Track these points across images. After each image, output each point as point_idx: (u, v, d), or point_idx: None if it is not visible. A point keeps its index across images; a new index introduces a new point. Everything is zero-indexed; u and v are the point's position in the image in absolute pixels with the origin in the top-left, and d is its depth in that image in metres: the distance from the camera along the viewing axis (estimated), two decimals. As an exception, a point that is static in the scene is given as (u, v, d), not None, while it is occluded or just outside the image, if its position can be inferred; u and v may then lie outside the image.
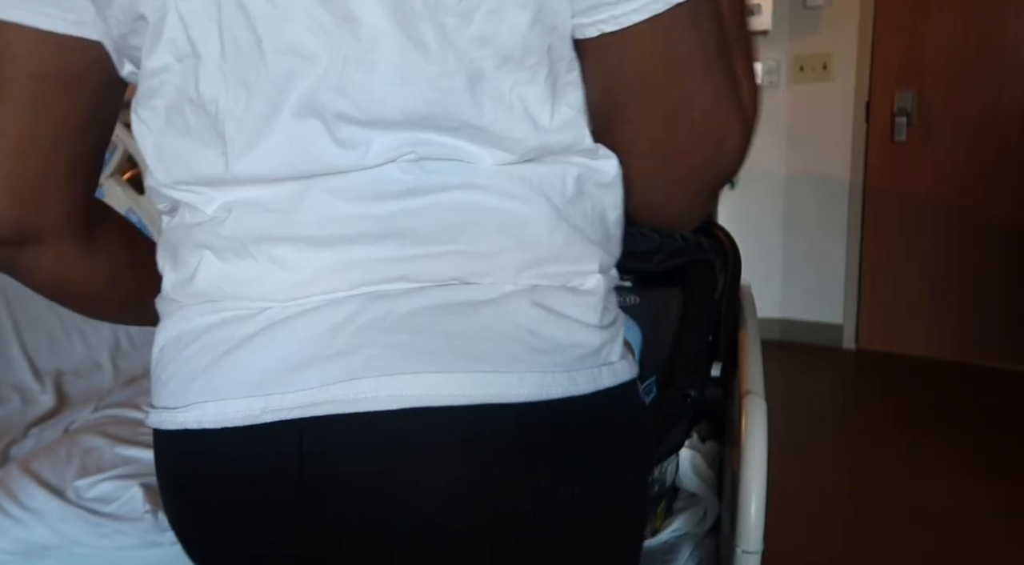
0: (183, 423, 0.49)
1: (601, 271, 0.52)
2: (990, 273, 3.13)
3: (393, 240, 0.46)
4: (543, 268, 0.49)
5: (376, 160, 0.46)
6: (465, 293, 0.47)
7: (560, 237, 0.49)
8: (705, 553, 1.15)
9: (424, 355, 0.45)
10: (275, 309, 0.48)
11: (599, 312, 0.50)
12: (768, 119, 3.44)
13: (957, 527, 2.03)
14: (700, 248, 1.55)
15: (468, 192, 0.47)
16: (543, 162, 0.49)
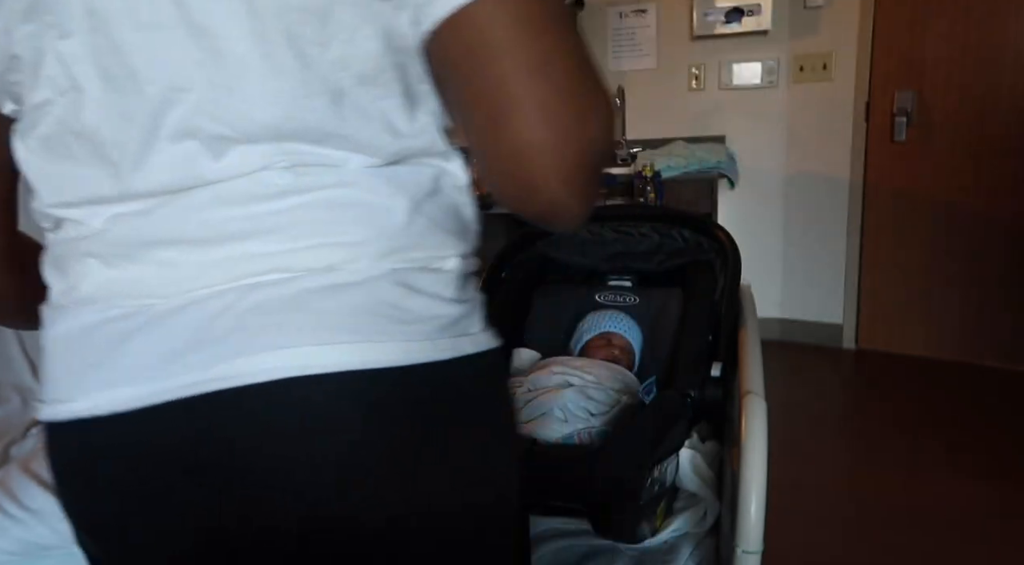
0: (77, 412, 0.53)
1: (459, 256, 0.58)
2: (990, 273, 3.13)
3: (269, 236, 0.51)
4: (404, 254, 0.54)
5: (252, 167, 0.51)
6: (334, 277, 0.52)
7: (417, 228, 0.55)
8: (705, 553, 1.15)
9: (300, 331, 0.50)
10: (160, 304, 0.52)
11: (456, 288, 0.57)
12: (768, 119, 3.44)
13: (957, 527, 2.03)
14: (700, 248, 1.55)
15: (335, 191, 0.52)
16: (404, 164, 0.55)
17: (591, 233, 1.63)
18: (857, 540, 2.00)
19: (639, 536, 1.14)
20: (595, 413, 1.20)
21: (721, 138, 3.50)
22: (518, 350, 1.47)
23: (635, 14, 3.52)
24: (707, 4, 3.32)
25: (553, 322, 1.55)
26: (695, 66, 3.50)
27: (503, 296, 1.51)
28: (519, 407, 1.23)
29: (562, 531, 1.19)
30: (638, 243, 1.61)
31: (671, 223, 1.60)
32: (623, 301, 1.53)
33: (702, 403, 1.22)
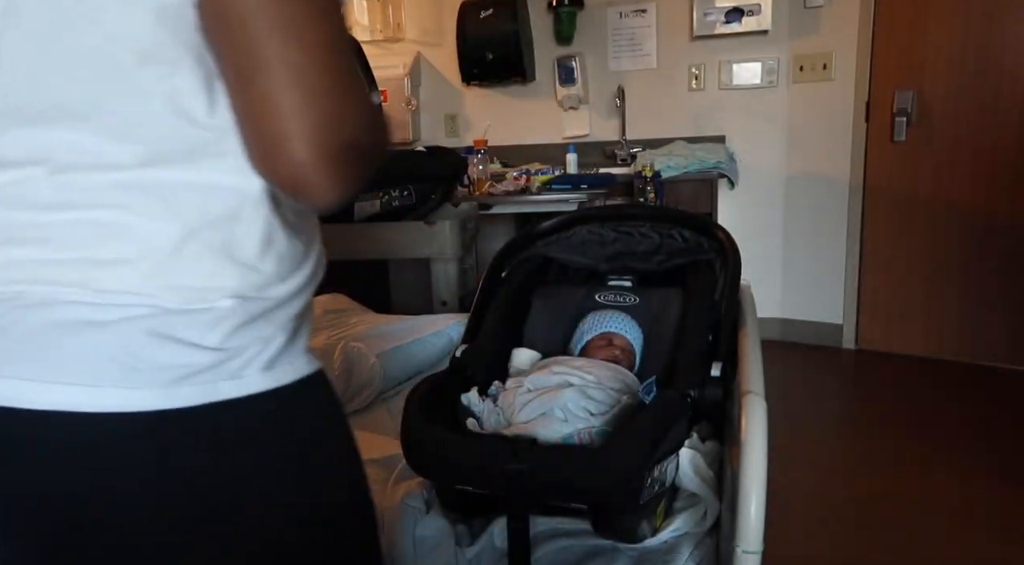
0: None
1: (237, 296, 0.56)
2: (990, 273, 3.13)
3: (31, 245, 0.52)
4: (168, 281, 0.54)
5: (20, 160, 0.52)
6: (83, 313, 0.52)
7: (187, 259, 0.54)
8: (705, 553, 1.14)
9: (20, 363, 0.52)
10: None
11: (223, 333, 0.56)
12: (768, 119, 3.44)
13: (957, 527, 2.03)
14: (700, 248, 1.55)
15: (100, 209, 0.52)
16: (185, 170, 0.53)
17: (591, 233, 1.63)
18: (857, 540, 1.99)
19: (639, 536, 1.14)
20: (595, 413, 1.20)
21: (721, 138, 3.50)
22: (518, 350, 1.47)
23: (635, 14, 3.52)
24: (707, 4, 3.32)
25: (553, 322, 1.55)
26: (695, 66, 3.50)
27: (503, 296, 1.51)
28: (519, 407, 1.23)
29: (562, 531, 1.19)
30: (638, 243, 1.61)
31: (671, 223, 1.60)
32: (623, 301, 1.53)
33: (702, 403, 1.22)
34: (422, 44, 3.82)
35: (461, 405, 1.28)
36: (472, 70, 3.56)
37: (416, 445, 1.11)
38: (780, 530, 2.01)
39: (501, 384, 1.36)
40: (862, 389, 3.14)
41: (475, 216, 2.99)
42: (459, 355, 1.40)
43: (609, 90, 3.63)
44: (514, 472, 1.01)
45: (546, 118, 3.74)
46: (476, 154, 3.19)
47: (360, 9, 3.75)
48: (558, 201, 2.97)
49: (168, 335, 0.54)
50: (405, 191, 2.57)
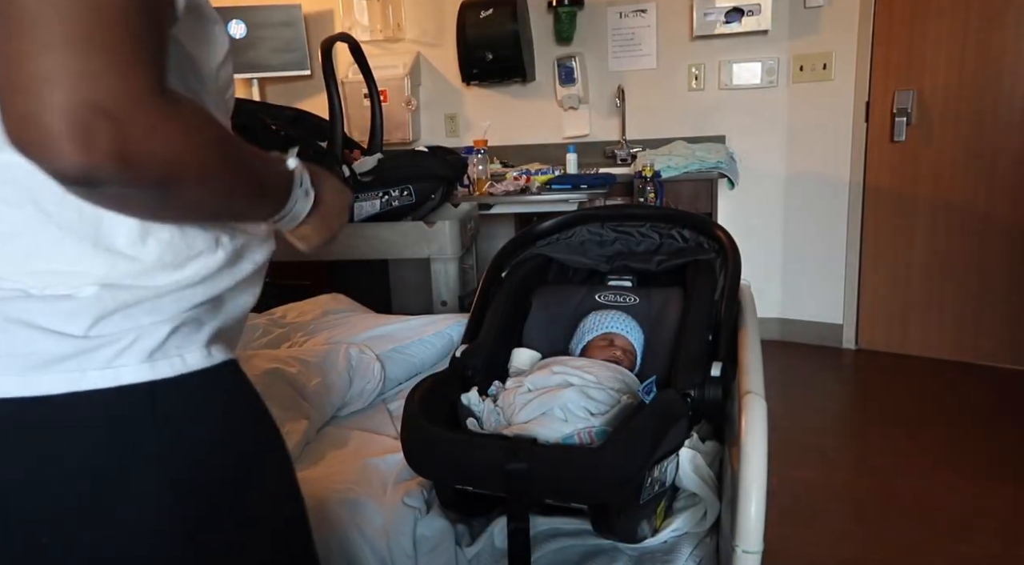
0: None
1: (105, 283, 0.55)
2: (990, 273, 3.13)
3: None
4: (29, 265, 0.54)
5: None
6: None
7: (48, 238, 0.54)
8: (705, 553, 1.15)
9: None
10: None
11: (88, 322, 0.55)
12: (768, 119, 3.44)
13: (957, 526, 2.03)
14: (700, 248, 1.55)
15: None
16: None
17: (591, 233, 1.63)
18: (857, 540, 2.00)
19: (639, 536, 1.14)
20: (595, 413, 1.20)
21: (721, 138, 3.50)
22: (518, 350, 1.47)
23: (635, 14, 3.52)
24: (707, 4, 3.32)
25: (553, 322, 1.55)
26: (695, 66, 3.50)
27: (503, 296, 1.51)
28: (519, 407, 1.23)
29: (562, 531, 1.19)
30: (638, 243, 1.61)
31: (671, 223, 1.60)
32: (623, 301, 1.53)
33: (702, 403, 1.22)
34: (422, 44, 3.82)
35: (461, 405, 1.28)
36: (472, 70, 3.56)
37: (416, 445, 1.11)
38: (780, 530, 2.01)
39: (501, 384, 1.36)
40: (862, 389, 3.14)
41: (475, 216, 2.99)
42: (459, 355, 1.40)
43: (609, 90, 3.63)
44: (514, 472, 1.01)
45: (546, 118, 3.74)
46: (476, 154, 3.18)
47: (360, 9, 3.75)
48: (558, 201, 2.97)
49: (26, 321, 0.54)
50: (405, 191, 2.57)
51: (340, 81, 3.36)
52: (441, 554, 1.16)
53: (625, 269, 1.59)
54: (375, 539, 1.18)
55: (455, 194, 2.98)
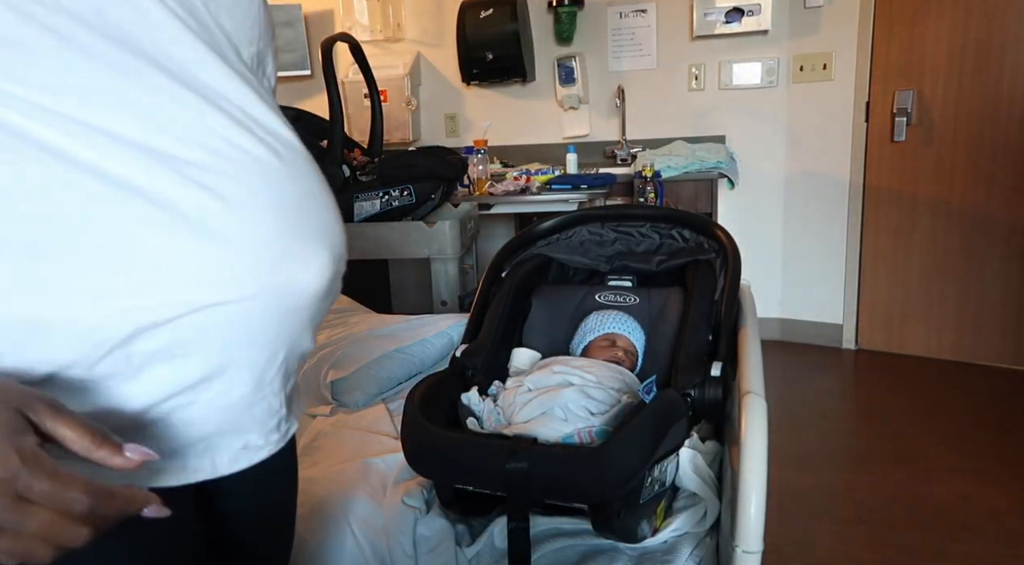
0: None
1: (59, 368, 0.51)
2: (990, 273, 3.13)
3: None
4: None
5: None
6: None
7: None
8: (705, 553, 1.15)
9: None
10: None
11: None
12: (768, 119, 3.44)
13: (957, 526, 2.03)
14: (700, 248, 1.55)
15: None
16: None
17: (591, 233, 1.63)
18: (857, 540, 2.00)
19: (639, 536, 1.14)
20: (595, 412, 1.20)
21: (721, 138, 3.50)
22: (518, 350, 1.47)
23: (635, 14, 3.52)
24: (707, 4, 3.32)
25: (553, 322, 1.55)
26: (695, 66, 3.50)
27: (503, 296, 1.51)
28: (519, 407, 1.23)
29: (562, 531, 1.19)
30: (638, 243, 1.61)
31: (671, 223, 1.60)
32: (623, 301, 1.53)
33: (702, 403, 1.22)
34: (422, 44, 3.82)
35: (461, 405, 1.27)
36: (472, 70, 3.56)
37: (416, 445, 1.11)
38: (780, 530, 2.01)
39: (501, 384, 1.36)
40: (862, 389, 3.14)
41: (475, 216, 2.99)
42: (459, 355, 1.39)
43: (609, 90, 3.63)
44: (514, 472, 1.01)
45: (546, 118, 3.74)
46: (476, 154, 3.19)
47: (360, 9, 3.75)
48: (558, 201, 2.97)
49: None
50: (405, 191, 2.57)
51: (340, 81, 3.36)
52: (441, 554, 1.16)
53: (625, 269, 1.59)
54: (375, 539, 1.18)
55: (455, 194, 2.98)
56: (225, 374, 0.57)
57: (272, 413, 0.64)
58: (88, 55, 0.51)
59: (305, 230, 0.59)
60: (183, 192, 0.52)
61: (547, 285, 1.62)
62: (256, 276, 0.55)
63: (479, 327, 1.47)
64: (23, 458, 0.41)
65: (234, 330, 0.55)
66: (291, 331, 0.60)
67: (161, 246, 0.51)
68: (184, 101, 0.54)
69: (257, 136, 0.57)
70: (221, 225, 0.53)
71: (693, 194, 3.17)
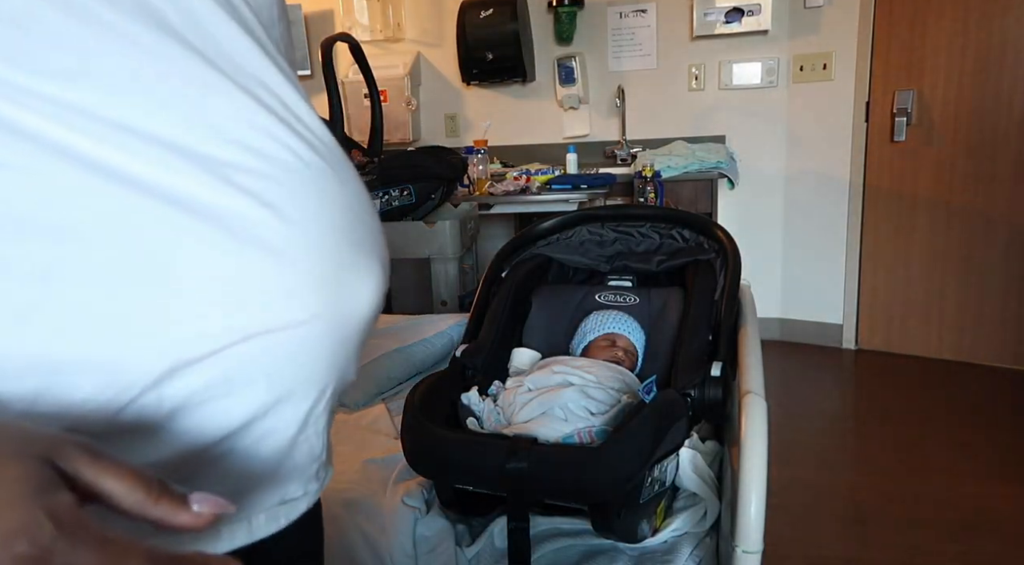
0: None
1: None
2: (990, 273, 3.13)
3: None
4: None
5: None
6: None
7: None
8: (705, 553, 1.15)
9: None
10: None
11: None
12: (768, 119, 3.44)
13: (957, 526, 2.03)
14: (700, 248, 1.55)
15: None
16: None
17: (591, 233, 1.63)
18: (857, 539, 2.00)
19: (639, 536, 1.14)
20: (595, 412, 1.20)
21: (721, 138, 3.50)
22: (518, 350, 1.47)
23: (635, 14, 3.52)
24: (707, 4, 3.32)
25: (553, 322, 1.55)
26: (695, 66, 3.50)
27: (503, 296, 1.51)
28: (519, 407, 1.23)
29: (562, 531, 1.19)
30: (638, 243, 1.61)
31: (671, 223, 1.60)
32: (623, 301, 1.53)
33: (702, 403, 1.22)
34: (422, 44, 3.82)
35: (461, 405, 1.27)
36: (472, 70, 3.56)
37: (416, 445, 1.11)
38: (780, 530, 2.01)
39: (501, 384, 1.36)
40: (862, 389, 3.14)
41: (475, 216, 2.99)
42: (459, 355, 1.39)
43: (609, 90, 3.63)
44: (514, 471, 1.01)
45: (546, 118, 3.74)
46: (476, 154, 3.19)
47: (360, 9, 3.75)
48: (558, 201, 2.98)
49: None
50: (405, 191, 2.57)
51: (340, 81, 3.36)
52: (441, 554, 1.16)
53: (625, 269, 1.59)
54: (375, 539, 1.18)
55: (455, 194, 2.98)
56: (268, 415, 0.48)
57: (313, 458, 0.54)
58: (109, 33, 0.42)
59: (360, 241, 0.51)
60: (226, 199, 0.44)
61: (547, 285, 1.62)
62: (315, 296, 0.47)
63: (479, 327, 1.47)
64: (59, 524, 0.29)
65: (285, 362, 0.47)
66: (343, 359, 0.52)
67: (201, 264, 0.43)
68: (221, 90, 0.46)
69: (300, 134, 0.49)
70: (272, 237, 0.45)
71: (693, 194, 3.17)
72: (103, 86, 0.42)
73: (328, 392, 0.52)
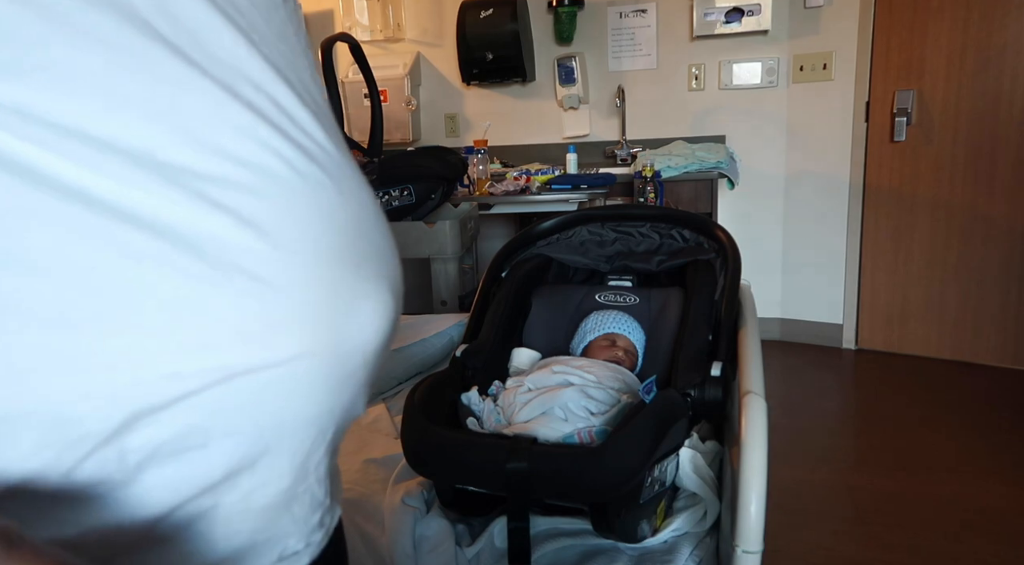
0: None
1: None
2: (990, 273, 3.13)
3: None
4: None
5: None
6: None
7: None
8: (705, 553, 1.14)
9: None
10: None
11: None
12: (768, 119, 3.44)
13: (957, 526, 2.03)
14: (700, 248, 1.55)
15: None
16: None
17: (591, 233, 1.63)
18: (857, 540, 2.00)
19: (639, 536, 1.14)
20: (595, 412, 1.20)
21: (721, 138, 3.50)
22: (518, 350, 1.47)
23: (635, 14, 3.52)
24: (707, 4, 3.32)
25: (553, 322, 1.55)
26: (695, 66, 3.50)
27: (503, 296, 1.51)
28: (519, 406, 1.23)
29: (562, 531, 1.19)
30: (638, 243, 1.61)
31: (671, 223, 1.60)
32: (623, 301, 1.53)
33: (702, 403, 1.22)
34: (422, 44, 3.82)
35: (461, 404, 1.28)
36: (472, 70, 3.56)
37: (416, 444, 1.11)
38: (780, 530, 2.01)
39: (501, 384, 1.36)
40: (862, 389, 3.14)
41: (475, 216, 2.99)
42: (459, 355, 1.40)
43: (609, 90, 3.63)
44: (514, 471, 1.01)
45: (546, 118, 3.74)
46: (476, 154, 3.19)
47: (360, 9, 3.75)
48: (558, 201, 2.98)
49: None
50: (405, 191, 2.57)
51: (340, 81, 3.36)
52: (441, 554, 1.16)
53: (625, 269, 1.59)
54: (375, 539, 1.18)
55: (455, 194, 2.98)
56: (258, 466, 0.42)
57: (315, 506, 0.48)
58: (53, 19, 0.35)
59: (364, 263, 0.45)
60: (198, 218, 0.37)
61: (547, 285, 1.62)
62: (308, 330, 0.41)
63: (479, 327, 1.47)
64: None
65: (273, 405, 0.41)
66: (345, 398, 0.45)
67: (165, 295, 0.36)
68: (196, 87, 0.39)
69: (294, 140, 0.43)
70: (254, 262, 0.39)
71: (693, 194, 3.17)
72: (46, 83, 0.35)
73: (329, 434, 0.46)
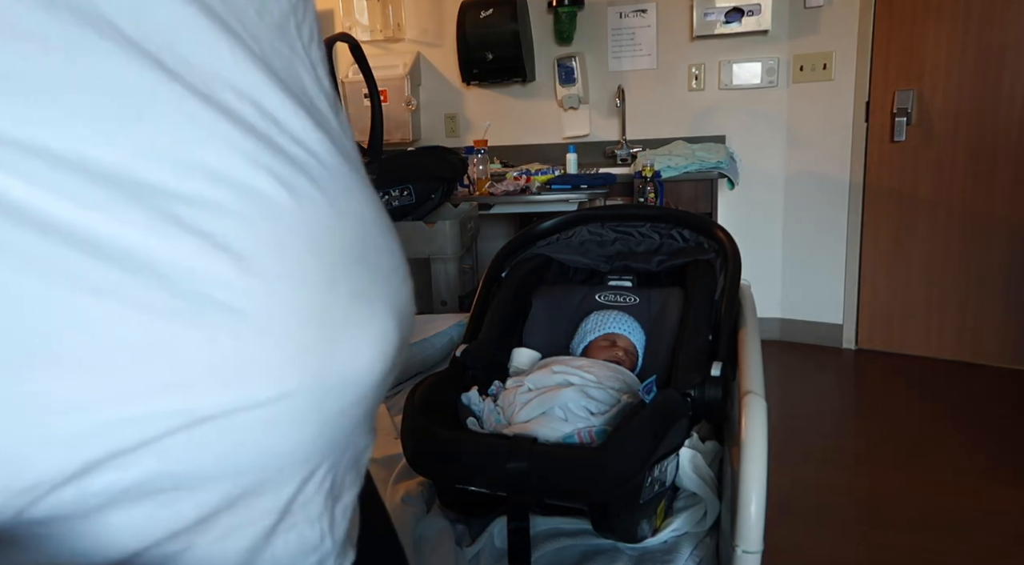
0: None
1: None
2: (990, 273, 3.13)
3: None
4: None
5: None
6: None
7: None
8: (705, 553, 1.14)
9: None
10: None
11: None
12: (768, 119, 3.44)
13: (957, 526, 2.03)
14: (700, 248, 1.55)
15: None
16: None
17: (591, 233, 1.63)
18: (857, 540, 2.00)
19: (639, 536, 1.14)
20: (595, 412, 1.20)
21: (721, 138, 3.50)
22: (518, 350, 1.47)
23: (635, 14, 3.52)
24: (707, 4, 3.32)
25: (553, 322, 1.55)
26: (695, 66, 3.50)
27: (503, 296, 1.51)
28: (519, 406, 1.23)
29: (562, 531, 1.19)
30: (638, 243, 1.61)
31: (671, 223, 1.60)
32: (623, 301, 1.53)
33: (702, 403, 1.22)
34: (422, 44, 3.82)
35: (461, 404, 1.28)
36: (472, 70, 3.56)
37: (416, 444, 1.11)
38: (781, 530, 2.01)
39: (501, 384, 1.36)
40: (862, 389, 3.14)
41: (475, 216, 2.99)
42: (459, 355, 1.39)
43: (609, 90, 3.63)
44: (514, 471, 1.01)
45: (546, 118, 3.74)
46: (476, 154, 3.19)
47: (360, 9, 3.75)
48: (558, 201, 2.98)
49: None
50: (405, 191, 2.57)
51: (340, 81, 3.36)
52: (441, 554, 1.16)
53: (625, 269, 1.59)
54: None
55: (455, 194, 2.98)
56: (235, 509, 0.38)
57: (307, 549, 0.43)
58: (9, 29, 0.31)
59: (363, 289, 0.40)
60: (169, 244, 0.33)
61: (547, 285, 1.62)
62: (292, 367, 0.37)
63: (479, 327, 1.47)
64: None
65: (251, 450, 0.37)
66: (339, 435, 0.41)
67: (124, 331, 0.33)
68: (166, 95, 0.34)
69: (286, 153, 0.38)
70: (229, 294, 0.34)
71: (693, 194, 3.17)
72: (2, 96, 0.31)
73: (320, 472, 0.42)
